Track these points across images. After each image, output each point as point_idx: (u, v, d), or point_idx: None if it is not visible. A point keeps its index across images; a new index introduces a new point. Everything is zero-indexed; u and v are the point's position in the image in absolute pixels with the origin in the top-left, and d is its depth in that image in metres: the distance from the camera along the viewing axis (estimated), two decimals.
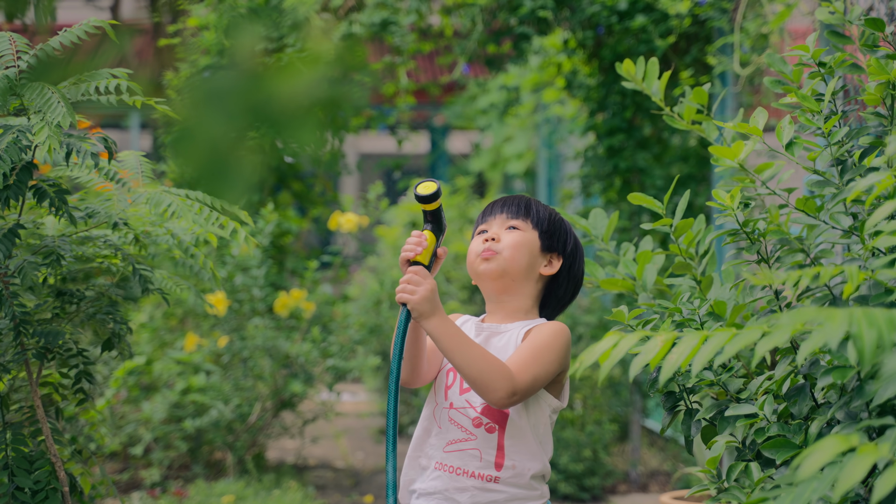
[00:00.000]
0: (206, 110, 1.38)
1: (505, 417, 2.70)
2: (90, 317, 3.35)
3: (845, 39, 2.62)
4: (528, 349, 2.66)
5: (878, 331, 1.63)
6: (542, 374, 2.65)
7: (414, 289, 2.64)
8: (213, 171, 1.38)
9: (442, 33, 8.55)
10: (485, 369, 2.58)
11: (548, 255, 2.81)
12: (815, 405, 2.31)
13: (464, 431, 2.72)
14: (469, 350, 2.60)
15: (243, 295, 7.03)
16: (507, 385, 2.57)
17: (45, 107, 2.81)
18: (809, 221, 2.42)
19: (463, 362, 2.59)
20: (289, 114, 1.40)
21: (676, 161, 7.36)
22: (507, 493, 2.69)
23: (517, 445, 2.70)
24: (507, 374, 2.58)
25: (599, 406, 7.35)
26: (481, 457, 2.69)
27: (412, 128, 9.63)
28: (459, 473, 2.70)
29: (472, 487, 2.68)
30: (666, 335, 1.90)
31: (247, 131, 1.40)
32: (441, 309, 2.64)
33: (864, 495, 2.11)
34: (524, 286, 2.79)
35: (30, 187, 3.04)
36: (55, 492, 3.23)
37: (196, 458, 6.97)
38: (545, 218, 2.82)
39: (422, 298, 2.62)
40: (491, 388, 2.57)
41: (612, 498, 7.06)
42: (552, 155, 11.57)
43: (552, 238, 2.81)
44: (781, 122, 2.56)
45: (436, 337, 2.62)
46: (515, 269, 2.77)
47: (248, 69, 1.40)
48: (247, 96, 1.39)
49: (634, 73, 2.78)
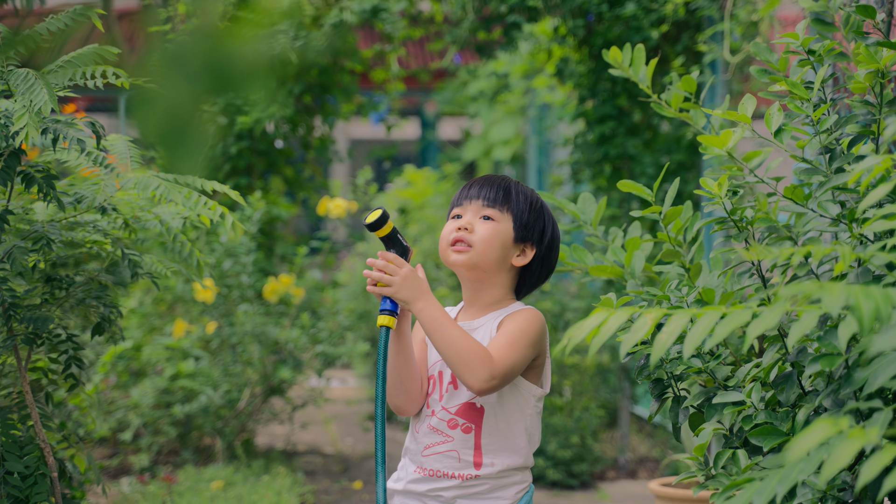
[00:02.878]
0: (166, 73, 1.37)
1: (480, 416, 2.70)
2: (79, 302, 3.35)
3: (831, 27, 2.62)
4: (505, 336, 2.65)
5: (875, 303, 1.64)
6: (520, 360, 2.64)
7: (390, 278, 2.62)
8: (171, 134, 1.38)
9: (432, 19, 8.54)
10: (465, 351, 2.57)
11: (521, 245, 2.78)
12: (803, 393, 2.32)
13: (440, 434, 2.72)
14: (451, 333, 2.59)
15: (232, 281, 7.02)
16: (486, 368, 2.56)
17: (29, 92, 2.80)
18: (797, 209, 2.42)
19: (444, 344, 2.58)
20: (243, 72, 1.40)
21: (667, 149, 7.37)
22: (490, 483, 2.70)
23: (495, 444, 2.70)
24: (487, 358, 2.58)
25: (588, 392, 7.37)
26: (459, 458, 2.70)
27: (403, 114, 9.62)
28: (440, 476, 2.71)
29: (453, 487, 2.69)
30: (655, 313, 1.89)
31: (206, 93, 1.39)
32: (426, 291, 2.63)
33: (850, 482, 2.12)
34: (496, 277, 2.78)
35: (18, 172, 3.03)
36: (44, 477, 3.23)
37: (185, 443, 6.97)
38: (524, 209, 2.77)
39: (401, 284, 2.61)
40: (470, 370, 2.56)
41: (600, 484, 7.08)
42: (542, 141, 11.57)
43: (527, 229, 2.77)
44: (770, 109, 2.56)
45: (421, 320, 2.61)
46: (486, 262, 2.74)
47: (208, 31, 1.40)
48: (205, 56, 1.39)
49: (621, 60, 2.77)
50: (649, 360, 2.57)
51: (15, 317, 3.15)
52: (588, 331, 1.91)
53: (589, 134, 7.64)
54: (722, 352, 2.55)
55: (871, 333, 1.68)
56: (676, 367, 2.56)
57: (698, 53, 7.10)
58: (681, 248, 2.68)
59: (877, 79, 2.46)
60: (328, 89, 8.37)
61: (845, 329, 1.71)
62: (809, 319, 1.73)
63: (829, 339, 2.06)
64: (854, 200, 2.37)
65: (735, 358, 2.61)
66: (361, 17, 7.66)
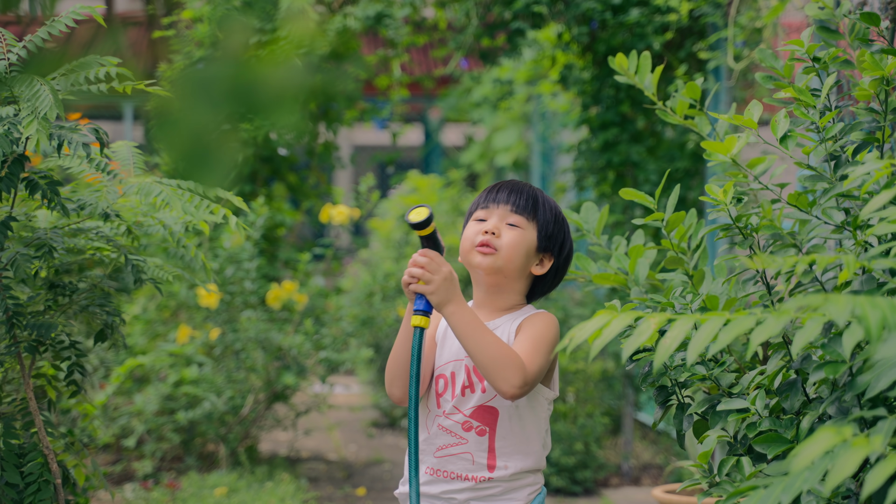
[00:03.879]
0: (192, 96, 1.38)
1: (495, 419, 2.70)
2: (83, 308, 3.35)
3: (836, 35, 2.62)
4: (530, 341, 2.65)
5: (882, 312, 1.63)
6: (544, 365, 2.65)
7: (431, 276, 2.58)
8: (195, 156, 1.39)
9: (436, 26, 8.54)
10: (498, 357, 2.56)
11: (541, 255, 2.80)
12: (807, 400, 2.32)
13: (454, 436, 2.72)
14: (485, 338, 2.58)
15: (235, 287, 7.02)
16: (519, 374, 2.56)
17: (34, 98, 2.80)
18: (801, 216, 2.42)
19: (477, 350, 2.57)
20: (271, 98, 1.41)
21: (670, 155, 7.36)
22: (503, 486, 2.70)
23: (509, 446, 2.70)
24: (520, 364, 2.57)
25: (592, 399, 7.35)
26: (473, 460, 2.70)
27: (406, 120, 9.62)
28: (454, 478, 2.71)
29: (466, 489, 2.69)
30: (659, 317, 1.89)
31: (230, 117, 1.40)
32: (459, 294, 2.61)
33: (854, 490, 2.11)
34: (515, 283, 2.79)
35: (22, 179, 3.03)
36: (47, 484, 3.23)
37: (189, 450, 6.96)
38: (549, 219, 2.80)
39: (440, 285, 2.58)
40: (503, 376, 2.56)
41: (604, 491, 7.07)
42: (546, 148, 11.56)
43: (550, 240, 2.80)
44: (777, 115, 2.56)
45: (453, 323, 2.59)
46: (510, 268, 2.76)
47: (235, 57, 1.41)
48: (232, 82, 1.40)
49: (627, 67, 2.77)
50: (653, 366, 2.57)
51: (18, 324, 3.15)
52: (590, 332, 1.90)
53: (592, 141, 7.64)
54: (726, 359, 2.55)
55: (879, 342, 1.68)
56: (680, 374, 2.56)
57: (702, 60, 7.10)
58: (684, 256, 2.67)
59: (882, 86, 2.46)
60: (332, 96, 8.38)
61: (850, 337, 1.70)
62: (814, 327, 1.72)
63: (834, 346, 2.05)
64: (858, 207, 2.37)
65: (739, 365, 2.61)
66: (365, 24, 7.67)
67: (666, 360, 2.58)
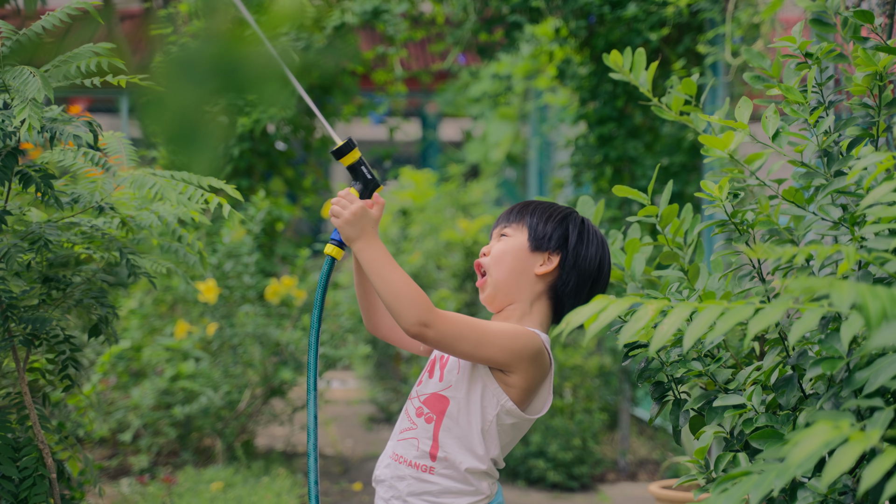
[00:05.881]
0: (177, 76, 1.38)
1: (444, 409, 2.67)
2: (77, 302, 3.34)
3: (830, 28, 2.61)
4: (475, 319, 2.63)
5: (881, 303, 1.63)
6: (470, 340, 2.57)
7: (340, 211, 2.65)
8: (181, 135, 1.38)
9: (434, 21, 8.53)
10: (403, 293, 2.54)
11: (542, 254, 2.73)
12: (804, 396, 2.32)
13: (409, 421, 2.72)
14: (391, 273, 2.57)
15: (233, 282, 7.01)
16: (422, 313, 2.52)
17: (23, 85, 2.80)
18: (798, 212, 2.42)
19: (381, 285, 2.57)
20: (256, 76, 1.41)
21: (668, 151, 7.36)
22: (441, 485, 2.65)
23: (452, 438, 2.66)
24: (427, 306, 2.54)
25: (589, 394, 7.36)
26: (418, 446, 2.68)
27: (404, 115, 9.62)
28: (401, 462, 2.69)
29: (409, 476, 2.67)
30: (657, 303, 1.88)
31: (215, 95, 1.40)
32: (369, 232, 2.63)
33: (851, 486, 2.11)
34: (519, 291, 2.73)
35: (16, 172, 3.02)
36: (42, 478, 3.22)
37: (185, 444, 6.96)
38: (540, 219, 2.74)
39: (347, 219, 2.63)
40: (404, 310, 2.53)
41: (600, 486, 7.07)
42: (543, 143, 11.56)
43: (543, 237, 2.73)
44: (766, 112, 2.55)
45: (361, 259, 2.62)
46: (504, 276, 2.73)
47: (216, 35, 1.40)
48: (215, 61, 1.39)
49: (622, 64, 2.77)
50: (649, 353, 2.56)
51: (13, 317, 3.14)
52: (587, 316, 1.89)
53: (590, 136, 7.64)
54: (722, 354, 2.55)
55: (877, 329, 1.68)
56: (677, 370, 2.55)
57: (700, 55, 7.10)
58: (680, 251, 2.67)
59: (875, 81, 2.45)
60: (329, 90, 8.37)
61: (847, 330, 1.70)
62: (812, 317, 1.72)
63: (831, 342, 2.05)
64: (855, 203, 2.37)
65: (736, 361, 2.60)
66: (363, 19, 7.66)
67: (662, 356, 2.58)
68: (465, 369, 2.67)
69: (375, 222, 2.67)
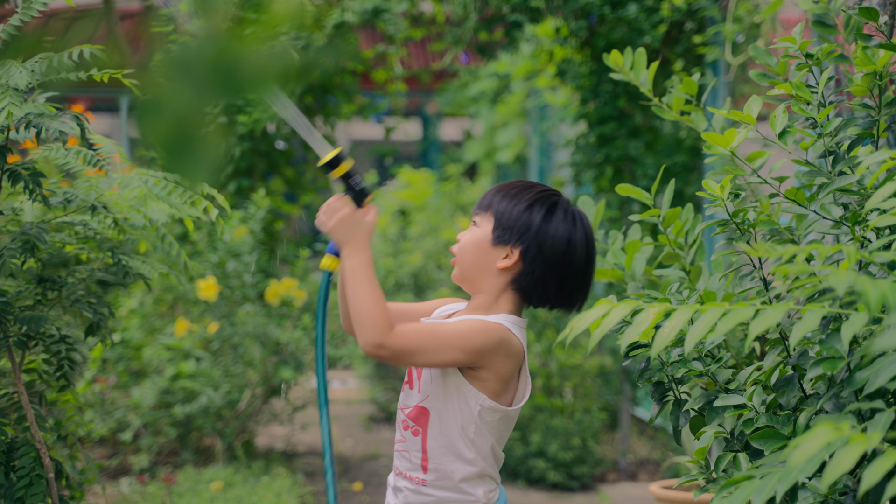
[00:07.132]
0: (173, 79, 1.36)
1: (427, 420, 2.64)
2: (73, 302, 3.33)
3: (832, 29, 2.61)
4: (432, 325, 2.58)
5: (881, 290, 1.63)
6: (428, 350, 2.51)
7: (325, 220, 2.60)
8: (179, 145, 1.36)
9: (434, 20, 8.53)
10: (368, 312, 2.49)
11: (504, 247, 2.64)
12: (804, 396, 2.31)
13: (400, 433, 2.71)
14: (363, 289, 2.51)
15: (234, 281, 7.01)
16: (379, 334, 2.47)
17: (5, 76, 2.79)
18: (799, 211, 2.41)
19: (352, 298, 2.52)
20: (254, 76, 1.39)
21: (668, 150, 7.35)
22: (436, 496, 2.63)
23: (440, 449, 2.62)
24: (386, 327, 2.48)
25: (589, 394, 7.35)
26: (410, 458, 2.66)
27: (404, 115, 9.61)
28: (398, 473, 2.70)
29: (405, 488, 2.66)
30: (659, 306, 1.88)
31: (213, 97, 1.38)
32: (358, 239, 2.57)
33: (851, 486, 2.11)
34: (483, 283, 2.67)
35: (5, 171, 3.00)
36: (40, 478, 3.21)
37: (185, 444, 6.96)
38: (506, 208, 2.64)
39: (333, 227, 2.58)
40: (364, 330, 2.48)
41: (600, 486, 7.07)
42: (544, 143, 11.55)
43: (506, 229, 2.63)
44: (775, 111, 2.55)
45: (344, 265, 2.56)
46: (468, 269, 2.68)
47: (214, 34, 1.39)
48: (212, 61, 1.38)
49: (622, 64, 2.76)
50: (650, 355, 2.56)
51: (7, 318, 3.14)
52: (590, 321, 1.90)
53: (590, 135, 7.63)
54: (723, 354, 2.54)
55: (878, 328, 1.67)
56: (677, 370, 2.55)
57: (700, 55, 7.09)
58: (681, 251, 2.66)
59: (874, 81, 2.45)
60: (329, 90, 8.36)
61: (848, 330, 1.69)
62: (813, 318, 1.71)
63: (831, 342, 2.05)
64: (857, 203, 2.36)
65: (736, 361, 2.60)
66: (363, 18, 7.65)
67: (663, 356, 2.57)
68: (437, 377, 2.63)
69: (368, 230, 2.60)
